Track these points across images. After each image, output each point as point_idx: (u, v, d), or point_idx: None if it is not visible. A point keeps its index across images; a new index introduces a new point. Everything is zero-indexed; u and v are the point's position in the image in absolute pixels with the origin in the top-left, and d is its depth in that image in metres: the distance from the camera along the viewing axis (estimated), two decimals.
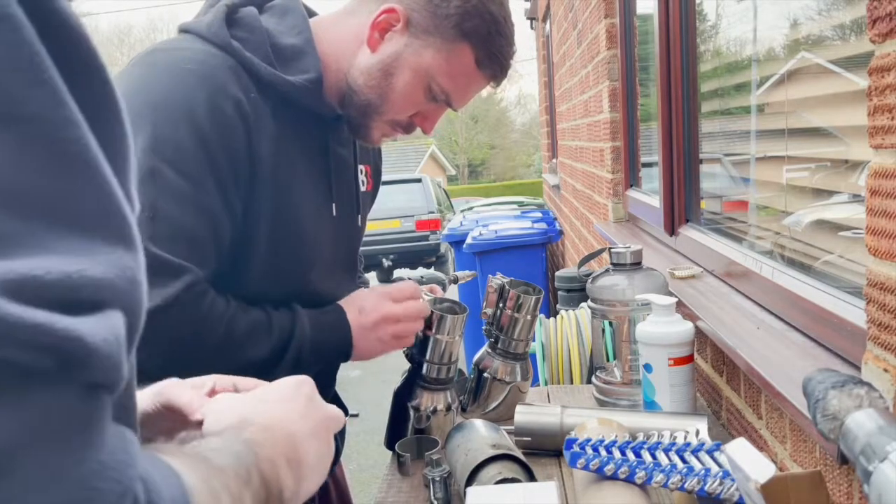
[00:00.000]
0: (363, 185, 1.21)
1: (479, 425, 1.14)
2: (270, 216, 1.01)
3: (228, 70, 0.97)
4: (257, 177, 0.98)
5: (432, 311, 1.20)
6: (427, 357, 1.23)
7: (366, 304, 1.10)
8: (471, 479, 1.01)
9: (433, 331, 1.21)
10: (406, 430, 1.26)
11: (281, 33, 1.03)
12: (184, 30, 1.03)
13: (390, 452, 1.28)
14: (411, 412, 1.25)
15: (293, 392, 0.63)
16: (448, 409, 1.26)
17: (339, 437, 1.28)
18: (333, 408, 0.66)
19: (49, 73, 0.32)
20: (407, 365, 1.28)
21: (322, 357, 1.07)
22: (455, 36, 1.01)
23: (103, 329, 0.32)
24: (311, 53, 1.03)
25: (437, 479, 1.09)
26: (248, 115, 0.96)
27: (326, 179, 1.10)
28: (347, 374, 5.68)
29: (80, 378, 0.32)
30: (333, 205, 1.11)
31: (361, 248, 1.41)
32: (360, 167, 1.21)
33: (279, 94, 1.00)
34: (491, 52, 1.03)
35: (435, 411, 1.25)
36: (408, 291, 1.14)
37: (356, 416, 4.63)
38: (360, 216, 1.20)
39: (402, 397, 1.26)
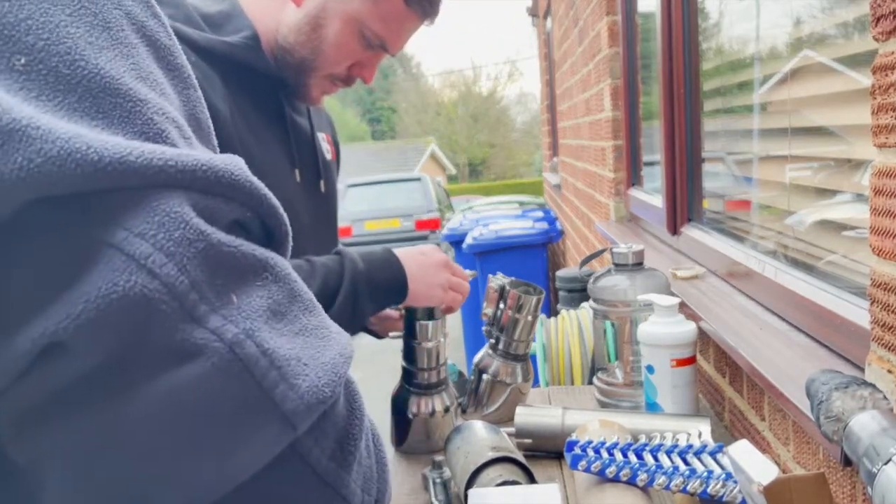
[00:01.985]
0: (327, 153, 1.20)
1: (478, 427, 1.13)
2: None
3: None
4: (222, 138, 0.96)
5: (415, 321, 1.21)
6: (416, 365, 1.23)
7: (427, 249, 1.13)
8: (471, 482, 1.01)
9: (416, 339, 1.21)
10: (408, 434, 1.26)
11: (205, 5, 1.03)
12: None
13: (391, 454, 1.28)
14: (410, 417, 1.25)
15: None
16: (446, 410, 1.26)
17: None
18: None
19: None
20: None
21: (378, 292, 1.07)
22: None
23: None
24: (239, 15, 1.02)
25: (438, 481, 1.09)
26: (197, 77, 0.95)
27: (286, 145, 1.08)
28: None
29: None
30: (297, 171, 1.09)
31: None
32: (321, 135, 1.19)
33: (221, 57, 0.99)
34: None
35: (433, 414, 1.25)
36: (453, 266, 1.18)
37: None
38: (322, 182, 1.16)
39: (399, 403, 1.26)
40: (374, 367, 5.95)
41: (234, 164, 0.37)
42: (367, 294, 1.03)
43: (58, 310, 0.30)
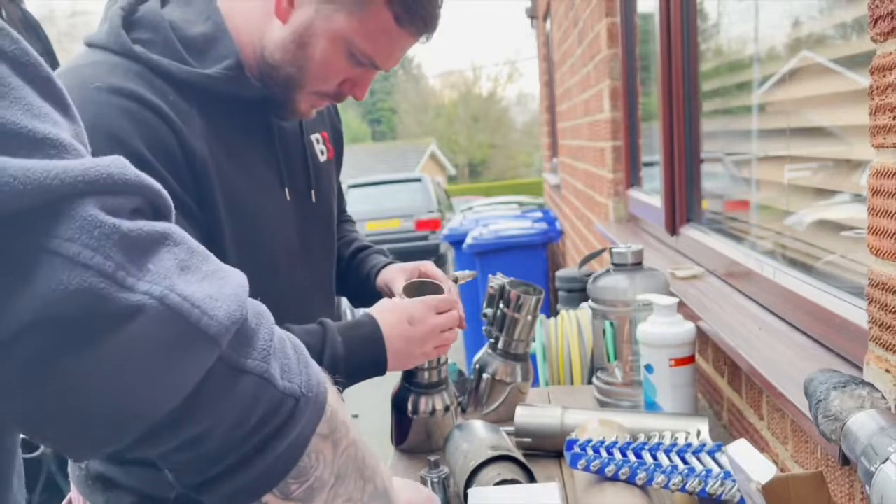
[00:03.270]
0: (322, 154, 1.15)
1: (478, 426, 1.14)
2: (227, 217, 0.96)
3: (135, 76, 0.91)
4: (201, 177, 0.94)
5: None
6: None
7: (415, 314, 1.07)
8: (470, 481, 1.01)
9: None
10: (408, 433, 1.26)
11: (188, 23, 0.97)
12: (88, 43, 0.97)
13: (390, 454, 1.28)
14: (410, 416, 1.25)
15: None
16: (446, 409, 1.26)
17: None
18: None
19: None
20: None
21: (355, 374, 1.02)
22: None
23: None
24: (223, 38, 0.97)
25: (436, 480, 1.09)
26: (172, 118, 0.91)
27: (275, 164, 1.04)
28: None
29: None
30: (286, 189, 1.05)
31: None
32: (316, 136, 1.14)
33: (201, 90, 0.95)
34: (409, 6, 0.95)
35: (433, 413, 1.25)
36: (450, 302, 1.11)
37: (356, 417, 4.63)
38: (313, 192, 1.12)
39: (399, 403, 1.26)
40: None
41: (122, 165, 0.47)
42: (343, 375, 0.97)
43: (19, 308, 0.40)
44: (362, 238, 1.34)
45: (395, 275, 1.20)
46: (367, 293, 1.24)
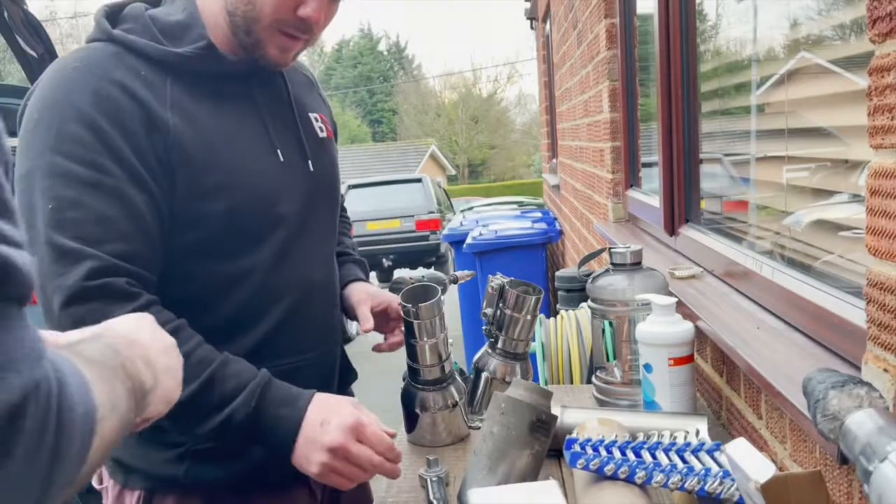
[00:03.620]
0: (321, 131, 1.21)
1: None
2: (212, 180, 1.02)
3: (111, 56, 1.01)
4: (173, 145, 1.00)
5: (410, 319, 1.21)
6: (417, 362, 1.24)
7: (333, 420, 0.99)
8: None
9: (415, 337, 1.22)
10: (416, 429, 1.27)
11: (167, 15, 1.07)
12: (89, 40, 1.08)
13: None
14: (417, 413, 1.26)
15: (136, 321, 0.74)
16: (454, 406, 1.27)
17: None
18: (171, 337, 0.76)
19: None
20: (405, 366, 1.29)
21: (254, 439, 1.00)
22: None
23: (26, 258, 0.43)
24: (195, 24, 1.06)
25: (434, 479, 1.10)
26: (138, 93, 0.99)
27: (263, 130, 1.10)
28: None
29: (4, 290, 0.42)
30: (278, 152, 1.10)
31: (361, 249, 1.42)
32: (315, 115, 1.21)
33: (173, 67, 1.03)
34: None
35: (438, 409, 1.26)
36: (384, 444, 1.00)
37: None
38: (309, 162, 1.16)
39: (406, 400, 1.28)
40: (374, 366, 5.95)
41: None
42: (239, 434, 0.98)
43: None
44: (348, 243, 1.38)
45: (362, 299, 1.25)
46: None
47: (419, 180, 10.11)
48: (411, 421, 1.29)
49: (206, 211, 1.02)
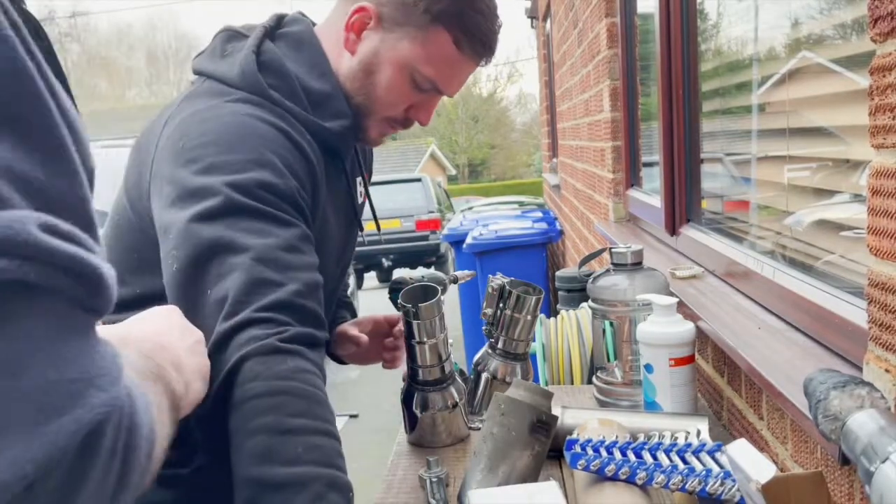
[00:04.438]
0: (360, 196, 1.22)
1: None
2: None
3: (279, 118, 0.97)
4: (314, 217, 0.99)
5: (410, 319, 1.21)
6: (416, 363, 1.24)
7: None
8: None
9: (414, 338, 1.22)
10: (416, 429, 1.27)
11: (307, 74, 1.03)
12: (206, 74, 1.02)
13: (390, 452, 1.29)
14: (417, 413, 1.26)
15: (165, 319, 0.69)
16: (454, 406, 1.26)
17: None
18: (198, 331, 0.71)
19: (37, 85, 0.39)
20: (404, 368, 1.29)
21: None
22: (426, 22, 1.00)
23: (112, 273, 0.41)
24: (339, 97, 1.04)
25: (434, 479, 1.09)
26: (308, 153, 0.97)
27: (352, 208, 1.14)
28: (347, 376, 5.67)
29: (87, 302, 0.40)
30: (357, 228, 1.17)
31: (361, 249, 1.43)
32: (359, 178, 1.21)
33: (321, 141, 1.02)
34: (468, 30, 1.01)
35: (438, 410, 1.26)
36: None
37: (356, 416, 4.63)
38: (357, 229, 1.22)
39: (406, 400, 1.28)
40: (375, 365, 5.97)
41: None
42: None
43: None
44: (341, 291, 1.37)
45: (349, 326, 1.25)
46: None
47: (419, 180, 10.12)
48: (411, 421, 1.28)
49: None
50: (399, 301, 1.24)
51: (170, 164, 0.92)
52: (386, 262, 9.12)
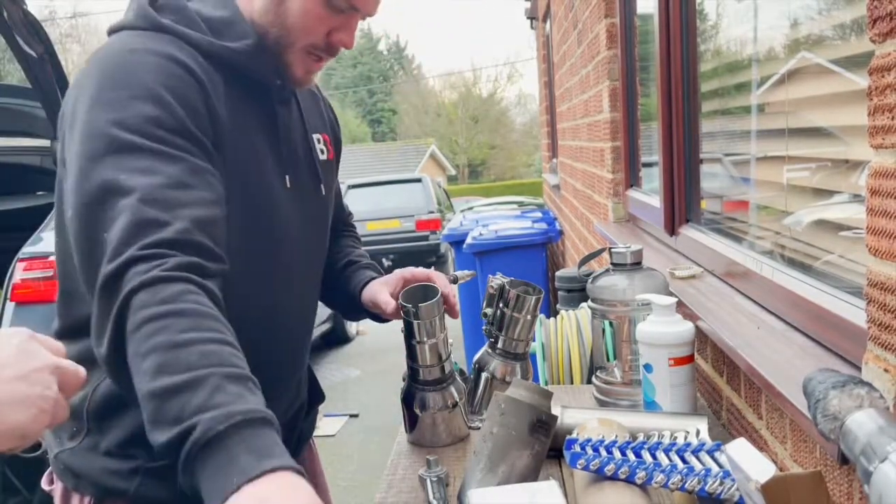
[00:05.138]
0: (322, 153, 1.18)
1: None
2: (236, 187, 0.98)
3: (168, 42, 0.97)
4: (219, 141, 0.97)
5: (410, 319, 1.21)
6: (417, 362, 1.24)
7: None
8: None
9: (414, 337, 1.22)
10: (416, 428, 1.27)
11: (207, 8, 1.03)
12: (113, 30, 1.02)
13: (390, 452, 1.29)
14: (417, 413, 1.26)
15: (3, 341, 0.67)
16: (454, 406, 1.27)
17: (305, 419, 1.29)
18: (53, 358, 0.68)
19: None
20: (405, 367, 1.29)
21: (189, 470, 0.75)
22: None
23: None
24: (240, 22, 1.03)
25: (434, 479, 1.10)
26: (200, 77, 0.96)
27: (276, 149, 1.08)
28: (347, 375, 5.67)
29: None
30: (287, 177, 1.08)
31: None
32: (318, 136, 1.18)
33: (224, 63, 1.00)
34: None
35: (438, 410, 1.26)
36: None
37: (356, 416, 4.63)
38: (322, 185, 1.16)
39: (407, 399, 1.28)
40: (374, 365, 5.96)
41: None
42: (190, 461, 0.73)
43: None
44: (357, 252, 1.37)
45: (379, 288, 1.24)
46: (356, 308, 1.29)
47: (419, 180, 10.11)
48: (411, 421, 1.29)
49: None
50: (399, 301, 1.24)
51: (66, 106, 0.95)
52: (386, 262, 9.11)
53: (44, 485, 1.14)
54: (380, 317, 1.28)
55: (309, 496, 0.70)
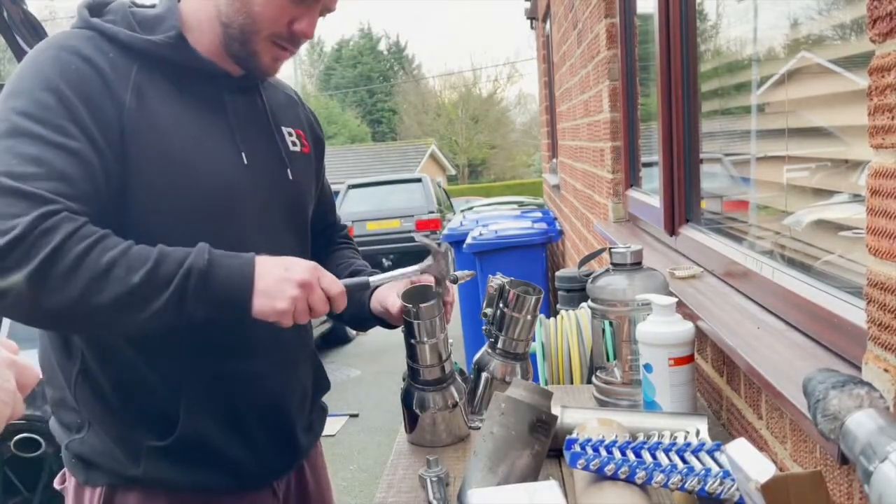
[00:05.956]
0: (294, 145, 1.24)
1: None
2: (158, 165, 1.04)
3: (84, 38, 1.06)
4: (126, 125, 1.03)
5: (410, 319, 1.21)
6: (417, 362, 1.24)
7: (297, 265, 1.04)
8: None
9: (415, 337, 1.22)
10: (416, 428, 1.27)
11: (145, 8, 1.13)
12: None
13: (390, 452, 1.29)
14: (417, 413, 1.26)
15: None
16: (454, 406, 1.27)
17: (318, 423, 1.31)
18: (8, 354, 0.69)
19: None
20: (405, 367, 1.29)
21: (211, 297, 0.99)
22: None
23: None
24: (170, 16, 1.10)
25: (434, 479, 1.10)
26: (103, 68, 1.03)
27: (228, 131, 1.13)
28: (347, 375, 5.67)
29: None
30: (243, 154, 1.13)
31: (361, 249, 1.42)
32: (289, 130, 1.24)
33: (141, 53, 1.07)
34: None
35: (437, 409, 1.26)
36: (337, 288, 1.07)
37: (356, 416, 4.63)
38: (289, 171, 1.20)
39: (407, 399, 1.28)
40: (375, 365, 5.97)
41: None
42: (197, 294, 0.98)
43: None
44: (359, 263, 1.38)
45: (388, 292, 1.26)
46: (364, 316, 1.30)
47: (419, 180, 10.11)
48: (411, 421, 1.29)
49: (155, 197, 1.04)
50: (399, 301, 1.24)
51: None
52: (386, 262, 9.11)
53: (56, 485, 1.18)
54: (388, 323, 1.28)
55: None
